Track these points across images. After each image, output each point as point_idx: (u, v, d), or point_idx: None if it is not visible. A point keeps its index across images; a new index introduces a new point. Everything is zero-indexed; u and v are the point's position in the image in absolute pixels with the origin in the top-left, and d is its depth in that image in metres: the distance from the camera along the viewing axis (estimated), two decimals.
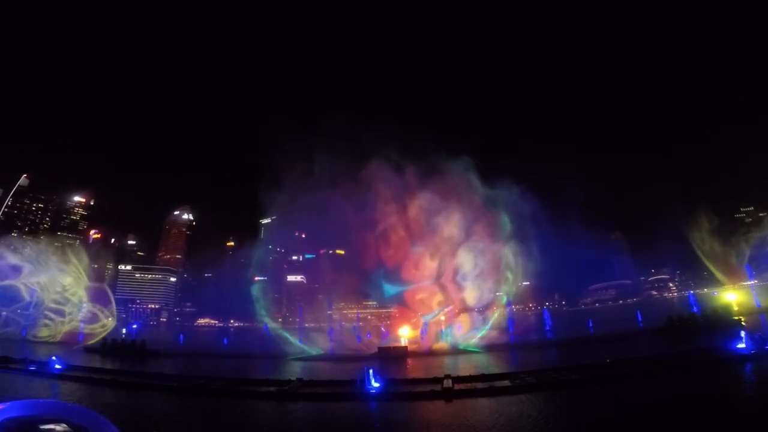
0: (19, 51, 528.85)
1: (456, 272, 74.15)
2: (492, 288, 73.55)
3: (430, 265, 75.90)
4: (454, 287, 74.57)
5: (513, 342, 66.91)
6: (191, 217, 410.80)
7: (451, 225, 74.74)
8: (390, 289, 79.54)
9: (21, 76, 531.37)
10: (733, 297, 75.00)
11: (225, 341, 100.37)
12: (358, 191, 79.06)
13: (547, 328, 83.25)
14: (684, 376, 30.54)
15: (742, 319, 57.00)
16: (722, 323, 57.73)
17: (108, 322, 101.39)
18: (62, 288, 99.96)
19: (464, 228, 74.97)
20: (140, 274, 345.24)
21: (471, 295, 72.09)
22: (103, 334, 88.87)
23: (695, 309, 75.09)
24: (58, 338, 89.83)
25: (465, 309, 73.97)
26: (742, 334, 34.95)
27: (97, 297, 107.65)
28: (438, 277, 75.83)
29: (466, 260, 73.26)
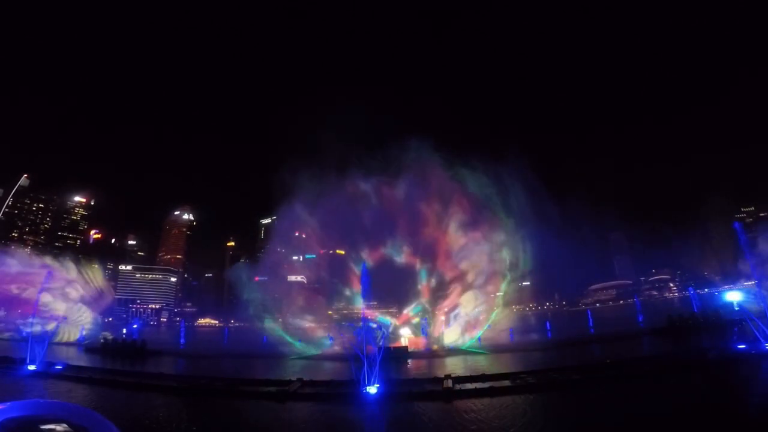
0: (22, 53, 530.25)
1: (453, 308, 73.45)
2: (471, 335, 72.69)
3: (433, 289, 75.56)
4: (443, 320, 73.81)
5: (513, 342, 66.86)
6: (191, 218, 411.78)
7: (473, 262, 73.58)
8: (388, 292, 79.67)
9: (24, 77, 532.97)
10: (734, 297, 74.80)
11: (225, 341, 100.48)
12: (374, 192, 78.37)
13: (548, 327, 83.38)
14: (685, 376, 30.54)
15: (743, 320, 56.93)
16: (723, 323, 57.72)
17: None
18: None
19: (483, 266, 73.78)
20: (140, 274, 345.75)
21: (451, 334, 71.39)
22: None
23: (696, 309, 75.03)
24: None
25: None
26: (743, 334, 34.92)
27: None
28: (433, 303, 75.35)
29: (467, 304, 72.63)
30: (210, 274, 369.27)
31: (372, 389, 29.50)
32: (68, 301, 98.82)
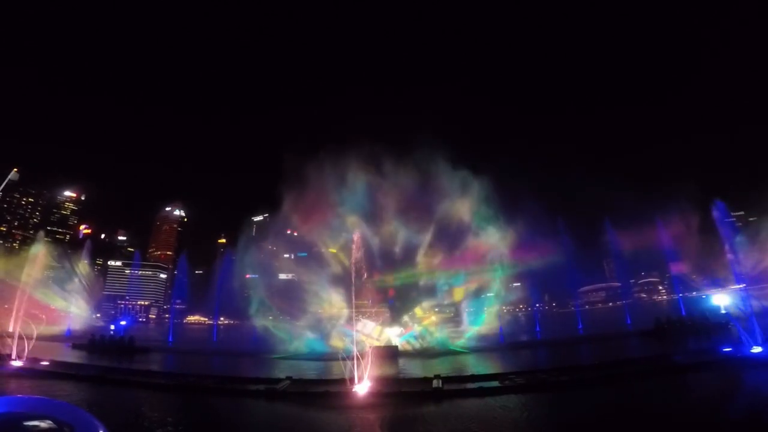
0: (13, 44, 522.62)
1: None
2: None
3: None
4: (434, 321, 74.39)
5: (502, 343, 67.21)
6: (183, 214, 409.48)
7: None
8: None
9: (14, 68, 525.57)
10: (721, 300, 75.78)
11: (214, 339, 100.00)
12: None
13: (537, 328, 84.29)
14: (671, 379, 30.95)
15: (730, 323, 57.78)
16: (710, 327, 58.61)
17: None
18: None
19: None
20: (130, 270, 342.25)
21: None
22: None
23: (683, 312, 75.91)
24: None
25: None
26: (729, 337, 35.42)
27: None
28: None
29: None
30: (200, 271, 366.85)
31: (361, 388, 29.54)
32: None
